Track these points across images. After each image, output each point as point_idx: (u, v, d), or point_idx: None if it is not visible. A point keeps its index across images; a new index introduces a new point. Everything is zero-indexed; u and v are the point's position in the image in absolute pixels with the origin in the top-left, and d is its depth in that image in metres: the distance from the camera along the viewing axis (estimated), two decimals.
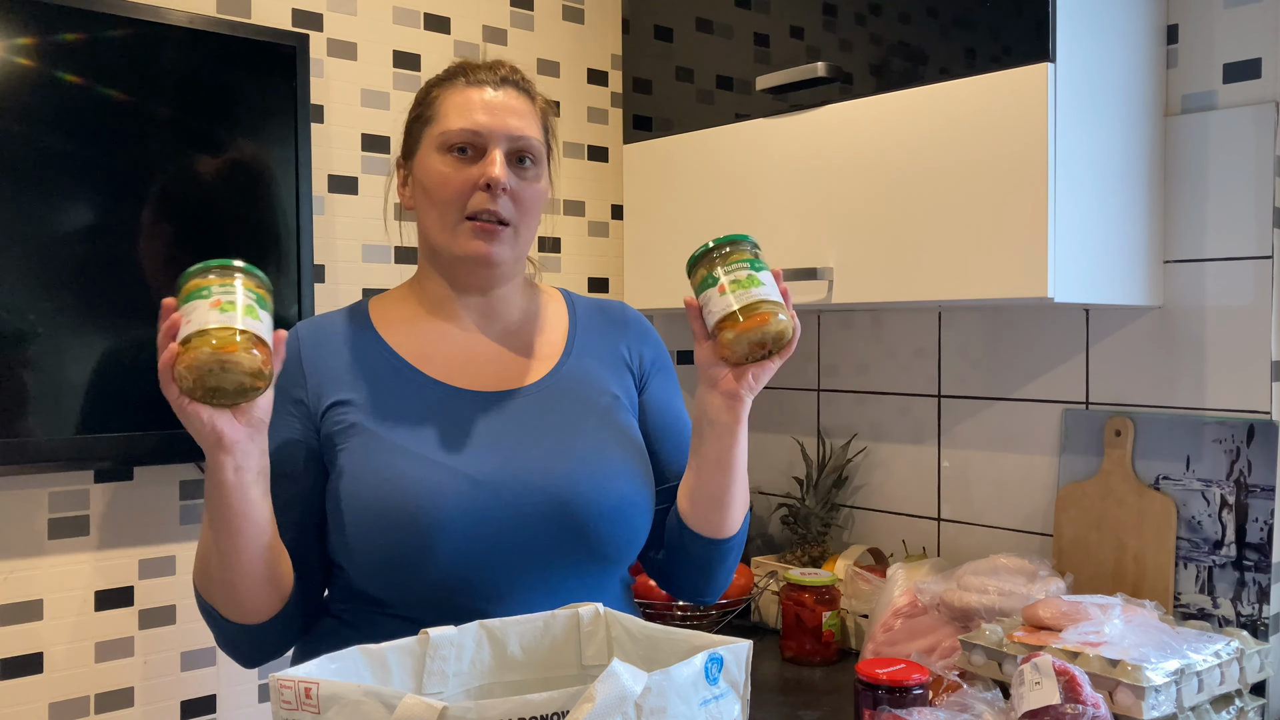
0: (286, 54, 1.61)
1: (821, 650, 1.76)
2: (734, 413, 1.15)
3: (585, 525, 1.14)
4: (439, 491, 1.10)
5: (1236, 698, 1.38)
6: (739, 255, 1.12)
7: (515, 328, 1.26)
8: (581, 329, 1.29)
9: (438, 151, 1.18)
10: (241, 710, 1.66)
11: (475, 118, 1.17)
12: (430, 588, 1.10)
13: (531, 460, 1.14)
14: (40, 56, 1.41)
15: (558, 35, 2.05)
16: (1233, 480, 1.53)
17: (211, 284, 0.97)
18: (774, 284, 1.11)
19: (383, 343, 1.21)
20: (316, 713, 0.79)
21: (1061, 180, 1.42)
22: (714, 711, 0.83)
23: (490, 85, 1.19)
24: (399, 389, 1.17)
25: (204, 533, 1.09)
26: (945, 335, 1.91)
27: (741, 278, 1.10)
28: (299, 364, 1.19)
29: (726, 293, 1.09)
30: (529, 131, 1.19)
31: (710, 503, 1.21)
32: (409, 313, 1.24)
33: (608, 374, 1.26)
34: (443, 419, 1.16)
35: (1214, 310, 1.57)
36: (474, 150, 1.17)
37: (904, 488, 1.97)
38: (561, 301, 1.33)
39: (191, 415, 0.99)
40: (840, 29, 1.63)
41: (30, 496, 1.49)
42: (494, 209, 1.16)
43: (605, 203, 2.13)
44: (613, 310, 1.34)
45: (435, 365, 1.20)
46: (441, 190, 1.17)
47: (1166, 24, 1.62)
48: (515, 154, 1.19)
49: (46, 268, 1.41)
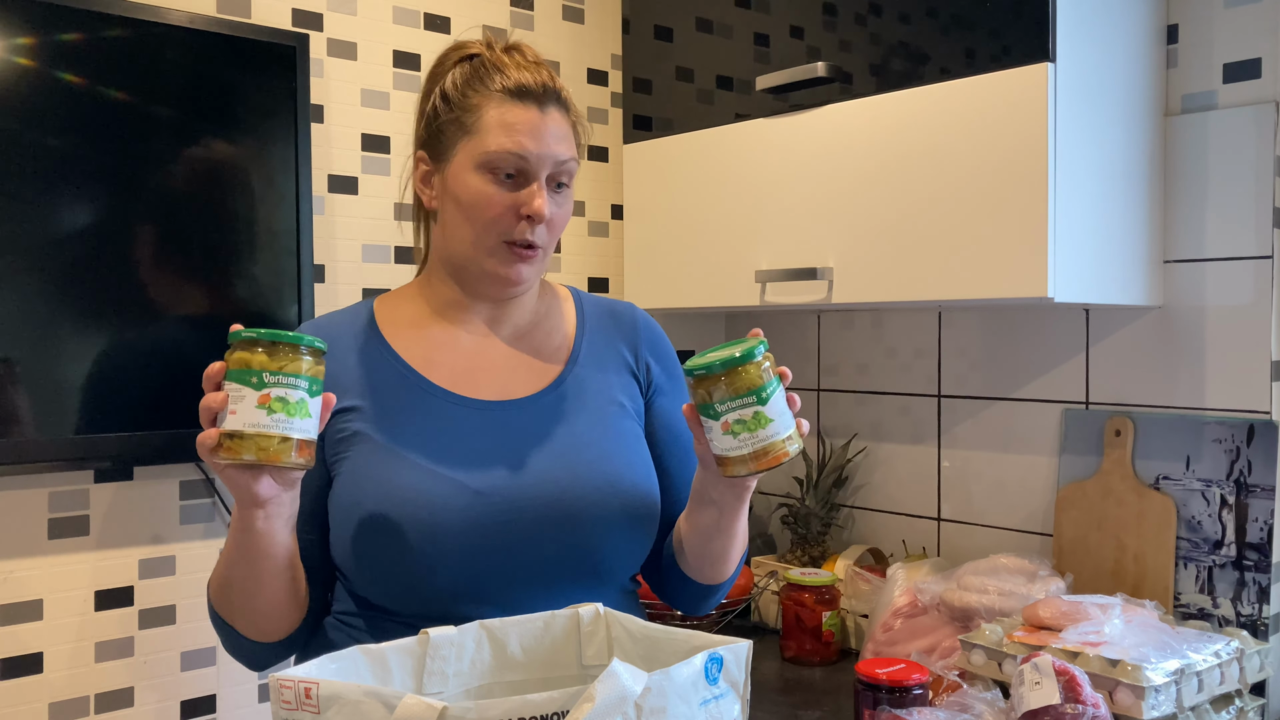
0: (286, 54, 1.61)
1: (821, 650, 1.76)
2: (741, 499, 1.13)
3: (588, 538, 1.13)
4: (440, 502, 1.09)
5: (1236, 698, 1.38)
6: (744, 382, 0.99)
7: (524, 331, 1.24)
8: (589, 334, 1.27)
9: (477, 169, 1.14)
10: (241, 710, 1.66)
11: (522, 141, 1.13)
12: (431, 597, 1.10)
13: (534, 471, 1.13)
14: (40, 56, 1.41)
15: (558, 35, 2.05)
16: (1233, 480, 1.53)
17: (261, 367, 0.93)
18: (784, 406, 1.02)
19: (388, 348, 1.19)
20: (316, 713, 0.79)
21: (1061, 180, 1.42)
22: (714, 711, 0.83)
23: (535, 102, 1.14)
24: (403, 396, 1.16)
25: (226, 561, 1.08)
26: (945, 335, 1.91)
27: (748, 417, 0.99)
28: None
29: (730, 433, 1.00)
30: (570, 153, 1.17)
31: (708, 561, 1.21)
32: (416, 314, 1.23)
33: (614, 381, 1.25)
34: (446, 428, 1.15)
35: (1214, 310, 1.57)
36: (517, 172, 1.14)
37: (904, 488, 1.97)
38: (571, 303, 1.30)
39: (228, 477, 0.97)
40: (840, 29, 1.63)
41: (30, 496, 1.49)
42: (532, 239, 1.15)
43: (605, 203, 2.13)
44: (622, 314, 1.31)
45: (441, 372, 1.18)
46: (481, 212, 1.14)
47: (1166, 24, 1.62)
48: (554, 176, 1.16)
49: (46, 267, 1.41)
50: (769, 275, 1.71)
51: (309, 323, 1.23)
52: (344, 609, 1.18)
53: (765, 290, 1.74)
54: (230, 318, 1.56)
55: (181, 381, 1.52)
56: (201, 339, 1.54)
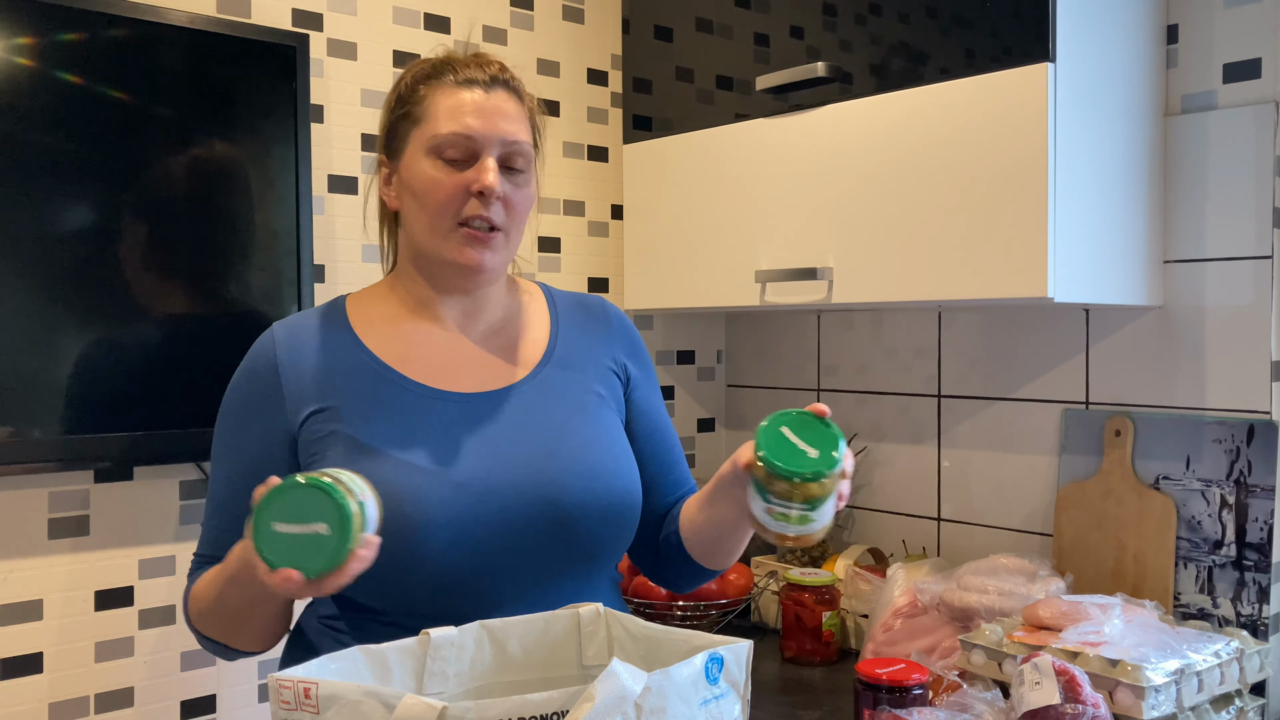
0: (286, 54, 1.61)
1: (821, 650, 1.76)
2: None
3: (574, 525, 1.14)
4: (420, 496, 1.09)
5: (1236, 698, 1.38)
6: (806, 494, 0.98)
7: (497, 327, 1.24)
8: (563, 327, 1.28)
9: (427, 155, 1.15)
10: (241, 710, 1.66)
11: (467, 121, 1.14)
12: (419, 593, 1.10)
13: (517, 462, 1.14)
14: (40, 56, 1.41)
15: (558, 35, 2.05)
16: (1233, 480, 1.53)
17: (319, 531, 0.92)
18: (832, 510, 1.02)
19: (362, 345, 1.19)
20: (316, 713, 0.79)
21: (1061, 180, 1.42)
22: (714, 711, 0.83)
23: (481, 86, 1.16)
24: (379, 393, 1.15)
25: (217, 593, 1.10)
26: (945, 335, 1.91)
27: (792, 516, 1.00)
28: (276, 375, 1.16)
29: (771, 516, 1.01)
30: (520, 135, 1.17)
31: (721, 552, 1.25)
32: (388, 312, 1.22)
33: (591, 372, 1.26)
34: (425, 423, 1.14)
35: (1214, 310, 1.57)
36: (466, 155, 1.15)
37: (904, 488, 1.97)
38: (542, 299, 1.31)
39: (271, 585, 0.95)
40: (840, 29, 1.63)
41: (30, 496, 1.49)
42: (486, 215, 1.14)
43: (605, 203, 2.13)
44: (593, 306, 1.33)
45: (416, 368, 1.18)
46: (433, 195, 1.14)
47: (1166, 24, 1.62)
48: (506, 158, 1.16)
49: (46, 267, 1.41)
50: (769, 275, 1.71)
51: (281, 325, 1.21)
52: (327, 612, 1.18)
53: (765, 290, 1.74)
54: (230, 317, 1.56)
55: (181, 382, 1.52)
56: (201, 339, 1.54)
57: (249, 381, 1.18)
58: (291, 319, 1.23)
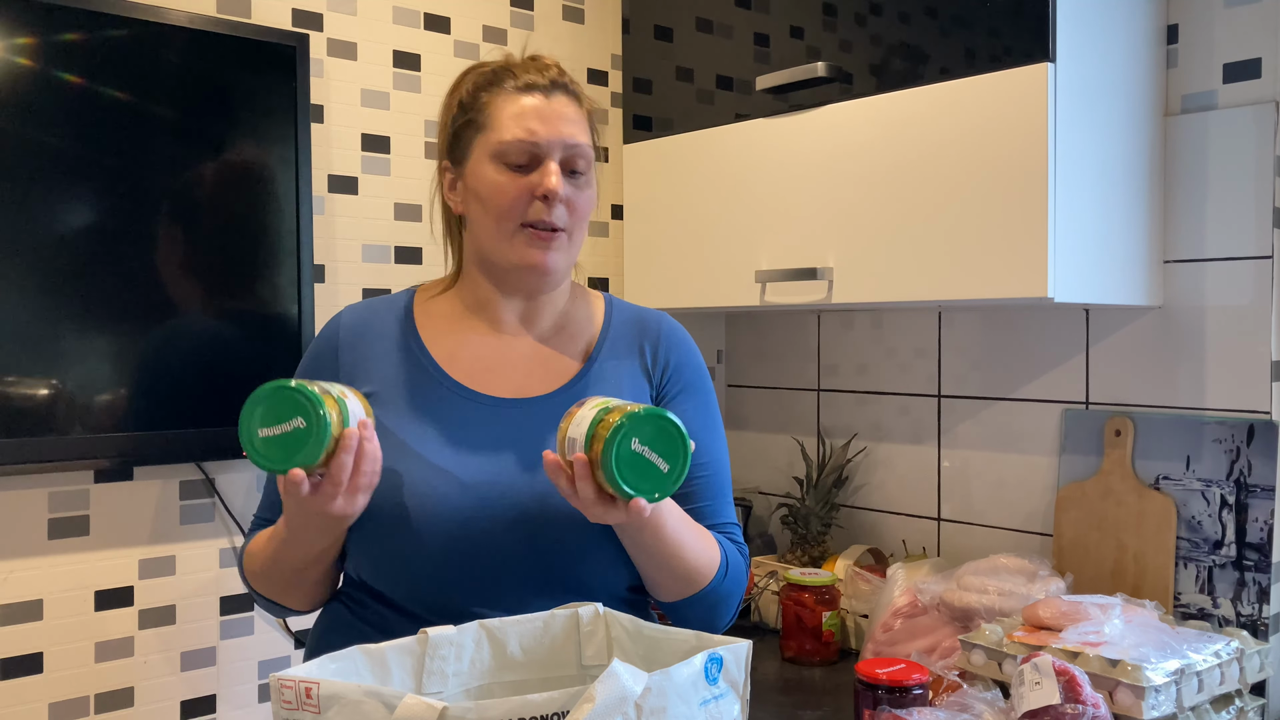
0: (286, 54, 1.61)
1: (821, 650, 1.76)
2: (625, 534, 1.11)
3: (567, 544, 1.13)
4: (425, 490, 1.12)
5: (1236, 698, 1.38)
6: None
7: (550, 334, 1.26)
8: (611, 340, 1.27)
9: (492, 160, 1.17)
10: (241, 710, 1.66)
11: (531, 127, 1.16)
12: (419, 585, 1.13)
13: (520, 468, 1.15)
14: (40, 56, 1.41)
15: (558, 35, 2.05)
16: (1233, 480, 1.53)
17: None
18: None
19: (416, 337, 1.23)
20: (317, 712, 0.79)
21: (1061, 180, 1.42)
22: (714, 711, 0.83)
23: (541, 91, 1.19)
24: (418, 386, 1.19)
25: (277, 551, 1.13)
26: (945, 335, 1.91)
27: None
28: (335, 356, 1.22)
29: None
30: (581, 138, 1.19)
31: (646, 581, 1.18)
32: (450, 310, 1.26)
33: (626, 385, 1.25)
34: (452, 422, 1.17)
35: (1214, 310, 1.57)
36: (529, 159, 1.17)
37: (904, 488, 1.97)
38: (601, 310, 1.30)
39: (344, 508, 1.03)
40: (840, 29, 1.63)
41: (30, 496, 1.49)
42: (549, 219, 1.17)
43: (605, 203, 2.13)
44: (649, 322, 1.31)
45: (460, 367, 1.21)
46: (498, 200, 1.17)
47: (1166, 24, 1.62)
48: (568, 161, 1.19)
49: (47, 267, 1.41)
50: (769, 275, 1.71)
51: (350, 309, 1.26)
52: (348, 589, 1.22)
53: (765, 290, 1.74)
54: (230, 317, 1.56)
55: (181, 381, 1.52)
56: (201, 338, 1.54)
57: (314, 357, 1.24)
58: (364, 305, 1.28)
